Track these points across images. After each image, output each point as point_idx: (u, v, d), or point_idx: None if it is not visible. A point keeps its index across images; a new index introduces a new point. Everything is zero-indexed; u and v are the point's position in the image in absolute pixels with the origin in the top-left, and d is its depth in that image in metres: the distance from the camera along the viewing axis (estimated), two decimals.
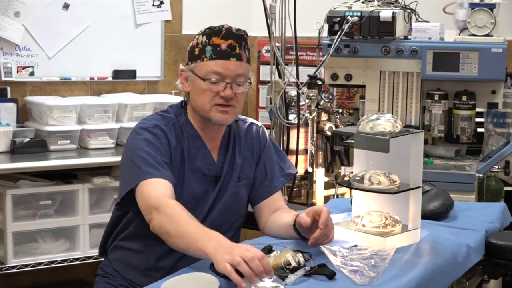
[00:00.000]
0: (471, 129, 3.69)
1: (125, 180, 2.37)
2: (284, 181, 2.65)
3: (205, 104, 2.39)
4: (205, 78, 2.37)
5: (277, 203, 2.57)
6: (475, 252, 2.40)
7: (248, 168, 2.56)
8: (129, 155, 2.37)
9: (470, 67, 3.55)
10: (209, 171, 2.48)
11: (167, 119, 2.46)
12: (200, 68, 2.39)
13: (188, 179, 2.43)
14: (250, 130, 2.60)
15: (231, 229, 2.54)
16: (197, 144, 2.47)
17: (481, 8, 3.59)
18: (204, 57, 2.38)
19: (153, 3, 4.56)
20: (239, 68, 2.39)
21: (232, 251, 1.92)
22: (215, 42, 2.38)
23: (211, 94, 2.38)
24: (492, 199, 3.75)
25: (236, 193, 2.52)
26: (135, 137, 2.39)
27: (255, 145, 2.58)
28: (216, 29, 2.40)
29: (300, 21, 3.67)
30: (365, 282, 1.99)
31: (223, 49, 2.37)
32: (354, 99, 4.07)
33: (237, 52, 2.39)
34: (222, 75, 2.37)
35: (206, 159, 2.47)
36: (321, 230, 2.20)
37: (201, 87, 2.39)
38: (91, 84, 4.39)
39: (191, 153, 2.45)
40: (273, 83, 3.67)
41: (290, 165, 2.69)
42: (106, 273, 2.57)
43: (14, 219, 3.65)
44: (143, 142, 2.35)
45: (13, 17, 4.08)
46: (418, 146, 2.34)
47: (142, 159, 2.31)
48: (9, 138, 3.84)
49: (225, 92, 2.37)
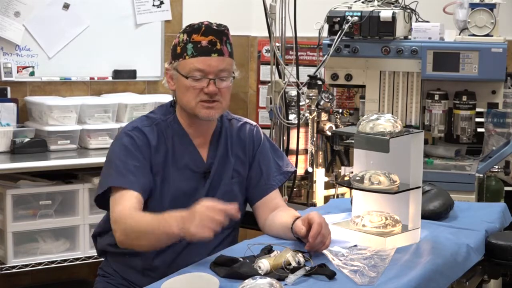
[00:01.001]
0: (471, 129, 3.69)
1: (101, 182, 2.47)
2: (282, 180, 2.64)
3: (190, 101, 2.42)
4: (188, 75, 2.40)
5: (275, 202, 2.57)
6: (475, 252, 2.40)
7: (241, 167, 2.57)
8: (107, 159, 2.47)
9: (470, 67, 3.55)
10: (197, 168, 2.49)
11: (151, 119, 2.50)
12: (183, 66, 2.41)
13: (174, 177, 2.46)
14: (244, 129, 2.61)
15: (228, 227, 2.53)
16: (184, 141, 2.49)
17: (481, 8, 3.59)
18: (186, 55, 2.41)
19: (153, 3, 4.55)
20: (221, 63, 2.41)
21: (190, 224, 2.09)
22: (195, 39, 2.40)
23: (195, 91, 2.40)
24: (492, 199, 3.75)
25: (230, 190, 2.53)
26: (115, 142, 2.49)
27: (248, 144, 2.59)
28: (196, 26, 2.43)
29: (300, 21, 3.67)
30: (365, 282, 1.99)
31: (204, 45, 2.39)
32: (354, 99, 4.07)
33: (218, 47, 2.41)
34: (204, 72, 2.39)
35: (193, 155, 2.49)
36: (311, 243, 2.20)
37: (185, 84, 2.41)
38: (91, 84, 4.39)
39: (178, 151, 2.48)
40: (273, 83, 3.67)
41: (288, 163, 2.69)
42: (106, 273, 2.57)
43: (14, 219, 3.65)
44: (119, 148, 2.43)
45: (13, 17, 4.08)
46: (418, 146, 2.34)
47: (115, 166, 2.40)
48: (9, 138, 3.84)
49: (208, 88, 2.40)
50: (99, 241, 2.61)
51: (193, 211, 2.13)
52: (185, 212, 2.15)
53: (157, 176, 2.43)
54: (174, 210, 2.41)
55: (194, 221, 2.10)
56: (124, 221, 2.29)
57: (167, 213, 2.22)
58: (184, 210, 2.18)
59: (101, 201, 2.47)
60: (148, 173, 2.41)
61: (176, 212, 2.20)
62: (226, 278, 2.02)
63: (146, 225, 2.24)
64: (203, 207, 2.12)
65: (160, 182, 2.44)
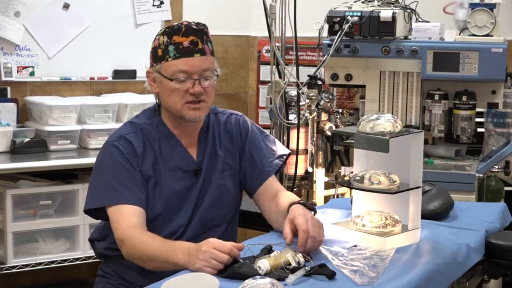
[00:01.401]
0: (471, 129, 3.69)
1: (92, 194, 2.44)
2: (279, 163, 2.62)
3: (176, 103, 2.41)
4: (172, 78, 2.39)
5: (274, 187, 2.56)
6: (475, 252, 2.40)
7: (231, 159, 2.56)
8: (96, 171, 2.46)
9: (470, 67, 3.55)
10: (187, 167, 2.49)
11: (135, 125, 2.49)
12: (166, 68, 2.41)
13: (165, 179, 2.45)
14: (229, 121, 2.59)
15: (224, 222, 2.55)
16: (172, 142, 2.49)
17: (481, 8, 3.59)
18: (168, 57, 2.40)
19: (153, 3, 4.56)
20: (204, 63, 2.40)
21: (195, 259, 2.08)
22: (176, 41, 2.39)
23: (180, 92, 2.40)
24: (492, 199, 3.75)
25: (222, 185, 2.53)
26: (102, 154, 2.46)
27: (235, 135, 2.58)
28: (175, 28, 2.42)
29: (300, 21, 3.66)
30: (365, 282, 1.99)
31: (186, 46, 2.39)
32: (354, 99, 4.07)
33: (200, 47, 2.40)
34: (188, 73, 2.39)
35: (183, 155, 2.49)
36: (303, 249, 2.19)
37: (169, 87, 2.41)
38: (91, 84, 4.39)
39: (166, 153, 2.47)
40: (273, 83, 3.67)
41: (281, 147, 2.67)
42: (106, 273, 2.57)
43: (14, 219, 3.65)
44: (109, 161, 2.42)
45: (13, 17, 4.08)
46: (418, 146, 2.34)
47: (107, 182, 2.39)
48: (9, 138, 3.84)
49: (194, 89, 2.39)
50: (96, 245, 2.61)
51: (200, 246, 2.12)
52: (193, 245, 2.15)
53: (149, 181, 2.43)
54: (167, 211, 2.42)
55: (200, 256, 2.08)
56: (132, 242, 2.29)
57: (177, 242, 2.25)
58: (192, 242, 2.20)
59: (93, 211, 2.46)
60: (140, 182, 2.41)
61: (185, 243, 2.21)
62: (226, 278, 2.02)
63: (154, 252, 2.24)
64: (210, 245, 2.10)
65: (153, 186, 2.44)
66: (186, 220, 2.47)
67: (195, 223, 2.48)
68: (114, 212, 2.37)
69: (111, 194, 2.37)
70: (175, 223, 2.46)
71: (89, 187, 2.47)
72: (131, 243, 2.29)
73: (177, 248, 2.18)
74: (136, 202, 2.37)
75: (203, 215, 2.49)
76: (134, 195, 2.38)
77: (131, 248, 2.30)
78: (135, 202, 2.37)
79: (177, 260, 2.15)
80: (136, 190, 2.39)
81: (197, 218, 2.48)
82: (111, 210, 2.38)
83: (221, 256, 2.06)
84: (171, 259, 2.17)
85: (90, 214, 2.48)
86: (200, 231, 2.47)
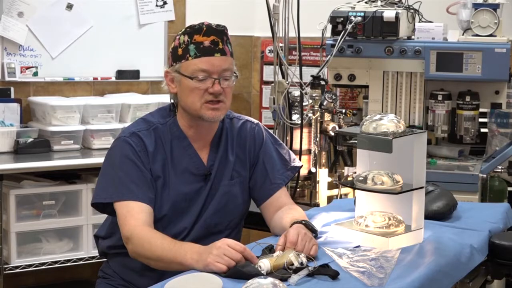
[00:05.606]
0: (474, 129, 3.68)
1: (102, 188, 2.44)
2: (290, 175, 2.62)
3: (195, 102, 2.40)
4: (192, 76, 2.38)
5: (280, 200, 2.55)
6: (478, 252, 2.40)
7: (241, 167, 2.55)
8: (107, 166, 2.45)
9: (473, 67, 3.55)
10: (197, 170, 2.48)
11: (149, 123, 2.48)
12: (185, 67, 2.40)
13: (174, 181, 2.45)
14: (244, 128, 2.58)
15: (228, 228, 2.54)
16: (184, 144, 2.48)
17: (485, 8, 3.58)
18: (189, 56, 2.39)
19: (157, 4, 4.56)
20: (224, 62, 2.40)
21: (208, 254, 2.08)
22: (197, 40, 2.39)
23: (200, 91, 2.39)
24: (495, 200, 3.75)
25: (228, 192, 2.52)
26: (114, 149, 2.46)
27: (249, 143, 2.57)
28: (196, 27, 2.41)
29: (303, 21, 3.66)
30: (375, 284, 1.98)
31: (207, 45, 2.38)
32: (357, 100, 4.06)
33: (220, 47, 2.40)
34: (208, 72, 2.38)
35: (193, 158, 2.48)
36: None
37: (189, 86, 2.40)
38: (95, 84, 4.39)
39: (177, 155, 2.47)
40: (276, 83, 3.67)
41: (294, 158, 2.66)
42: (106, 274, 2.57)
43: (18, 219, 3.66)
44: (120, 157, 2.41)
45: (16, 18, 4.08)
46: (421, 146, 2.34)
47: (118, 178, 2.38)
48: (12, 138, 3.84)
49: (213, 88, 2.38)
50: (100, 242, 2.61)
51: (212, 244, 2.12)
52: (204, 246, 2.15)
53: (158, 181, 2.43)
54: (173, 213, 2.42)
55: (213, 251, 2.08)
56: (139, 240, 2.28)
57: (187, 243, 2.24)
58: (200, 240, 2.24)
59: (99, 205, 2.46)
60: (150, 180, 2.40)
61: (195, 244, 2.20)
62: (229, 278, 2.02)
63: (161, 252, 2.23)
64: (225, 242, 2.11)
65: (161, 186, 2.43)
66: (191, 223, 2.47)
67: (199, 227, 2.47)
68: (122, 208, 2.36)
69: (121, 190, 2.37)
70: (180, 225, 2.45)
71: (98, 181, 2.46)
72: (139, 241, 2.28)
73: (187, 249, 2.17)
74: (145, 200, 2.36)
75: (208, 220, 2.48)
76: (144, 193, 2.37)
77: (138, 246, 2.28)
78: (144, 200, 2.36)
79: (184, 260, 2.14)
80: (145, 188, 2.38)
81: (202, 222, 2.48)
82: (119, 205, 2.36)
83: (234, 253, 2.06)
84: (179, 259, 2.16)
85: (96, 207, 2.48)
86: (203, 235, 2.46)
